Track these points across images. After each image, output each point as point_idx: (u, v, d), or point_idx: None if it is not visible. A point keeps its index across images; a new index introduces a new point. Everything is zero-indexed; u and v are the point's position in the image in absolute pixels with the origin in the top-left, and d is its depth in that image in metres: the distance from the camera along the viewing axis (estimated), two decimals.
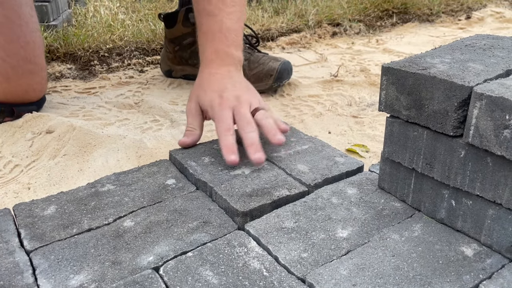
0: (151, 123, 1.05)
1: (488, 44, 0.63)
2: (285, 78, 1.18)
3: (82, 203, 0.65)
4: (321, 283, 0.49)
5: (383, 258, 0.53)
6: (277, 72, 1.15)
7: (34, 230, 0.59)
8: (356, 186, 0.67)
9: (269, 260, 0.53)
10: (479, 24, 1.97)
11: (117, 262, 0.54)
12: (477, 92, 0.48)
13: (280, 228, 0.59)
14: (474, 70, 0.54)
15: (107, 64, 1.39)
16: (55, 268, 0.53)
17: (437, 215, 0.59)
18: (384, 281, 0.50)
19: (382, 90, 0.58)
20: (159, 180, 0.71)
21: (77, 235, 0.59)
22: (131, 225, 0.60)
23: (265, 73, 1.17)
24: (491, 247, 0.54)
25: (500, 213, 0.52)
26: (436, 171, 0.56)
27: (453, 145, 0.53)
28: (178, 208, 0.64)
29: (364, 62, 1.45)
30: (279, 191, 0.66)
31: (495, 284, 0.49)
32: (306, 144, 0.80)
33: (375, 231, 0.58)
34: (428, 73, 0.53)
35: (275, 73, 1.15)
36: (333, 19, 1.81)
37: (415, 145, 0.57)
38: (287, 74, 1.18)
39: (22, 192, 0.79)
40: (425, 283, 0.49)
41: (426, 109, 0.54)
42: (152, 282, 0.50)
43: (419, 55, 0.60)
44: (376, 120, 1.06)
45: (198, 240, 0.57)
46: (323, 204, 0.63)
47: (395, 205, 0.63)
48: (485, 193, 0.52)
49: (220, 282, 0.50)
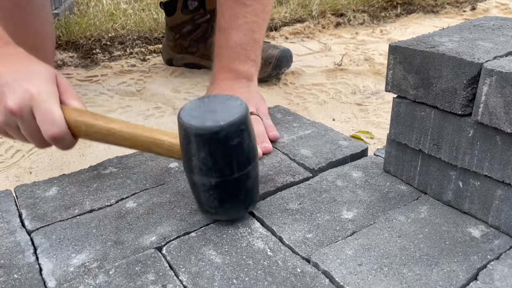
0: (153, 110, 1.05)
1: (497, 25, 0.62)
2: (284, 65, 1.17)
3: (84, 185, 0.64)
4: (326, 263, 0.48)
5: (389, 239, 0.52)
6: (276, 59, 1.14)
7: (35, 210, 0.59)
8: (361, 169, 0.66)
9: (273, 241, 0.53)
10: (483, 15, 1.95)
11: (119, 242, 0.53)
12: (487, 68, 0.47)
13: (284, 210, 0.58)
14: (483, 48, 0.53)
15: (109, 52, 1.38)
16: (56, 248, 0.52)
17: (443, 197, 0.58)
18: (390, 261, 0.49)
19: (389, 70, 0.57)
20: (162, 164, 0.70)
21: (79, 216, 0.58)
22: (133, 206, 0.60)
23: (264, 61, 1.16)
24: (499, 229, 0.53)
25: (508, 194, 0.51)
26: (444, 151, 0.55)
27: (462, 124, 0.52)
28: (181, 190, 0.63)
29: (368, 52, 1.44)
30: (283, 178, 0.65)
31: (503, 265, 0.48)
32: (309, 129, 0.79)
33: (380, 213, 0.57)
34: (437, 51, 0.52)
35: (274, 60, 1.14)
36: (337, 10, 1.79)
37: (422, 125, 0.56)
38: (286, 61, 1.17)
39: (24, 176, 0.78)
40: (432, 263, 0.48)
41: (434, 88, 0.53)
42: (155, 261, 0.50)
43: (426, 34, 0.59)
44: (381, 108, 1.05)
45: (201, 221, 0.56)
46: (327, 186, 0.62)
47: (401, 188, 0.62)
48: (494, 173, 0.51)
49: (223, 261, 0.50)
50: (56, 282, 0.47)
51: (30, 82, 0.55)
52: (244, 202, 0.55)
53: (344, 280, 0.46)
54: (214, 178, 0.51)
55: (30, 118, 0.55)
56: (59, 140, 0.56)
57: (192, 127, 0.50)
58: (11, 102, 0.54)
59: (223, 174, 0.51)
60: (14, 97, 0.54)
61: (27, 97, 0.54)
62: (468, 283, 0.46)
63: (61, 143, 0.57)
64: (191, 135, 0.50)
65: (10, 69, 0.56)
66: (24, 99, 0.54)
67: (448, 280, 0.46)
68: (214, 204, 0.54)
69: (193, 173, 0.52)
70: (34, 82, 0.55)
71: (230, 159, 0.51)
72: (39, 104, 0.54)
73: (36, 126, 0.56)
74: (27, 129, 0.56)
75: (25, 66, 0.57)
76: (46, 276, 0.48)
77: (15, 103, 0.54)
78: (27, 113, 0.55)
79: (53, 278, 0.48)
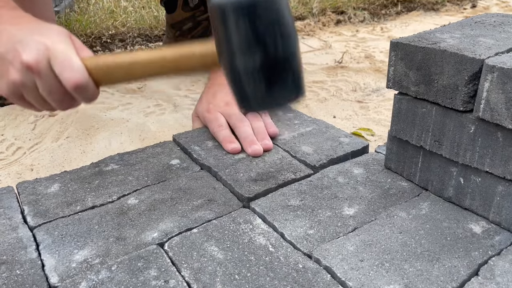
0: (154, 107, 1.05)
1: (498, 21, 0.62)
2: None
3: (86, 182, 0.64)
4: (327, 258, 0.49)
5: (390, 235, 0.52)
6: None
7: (37, 207, 0.59)
8: (362, 166, 0.67)
9: (275, 237, 0.53)
10: (484, 12, 1.95)
11: (121, 238, 0.53)
12: (489, 65, 0.47)
13: (285, 206, 0.58)
14: (485, 44, 0.53)
15: (110, 50, 1.38)
16: (58, 244, 0.52)
17: (444, 194, 0.58)
18: (392, 256, 0.49)
19: (391, 67, 0.57)
20: (163, 160, 0.70)
21: (81, 212, 0.58)
22: (135, 202, 0.60)
23: None
24: (500, 225, 0.53)
25: (509, 190, 0.51)
26: (445, 148, 0.55)
27: (463, 121, 0.52)
28: (183, 186, 0.63)
29: (369, 49, 1.44)
30: (284, 175, 0.65)
31: (504, 260, 0.48)
32: (310, 126, 0.79)
33: (382, 209, 0.57)
34: (438, 47, 0.52)
35: None
36: (337, 7, 1.79)
37: (423, 122, 0.57)
38: None
39: (25, 173, 0.78)
40: (433, 258, 0.49)
41: (436, 84, 0.53)
42: (157, 257, 0.50)
43: (428, 31, 0.59)
44: (382, 105, 1.05)
45: (203, 217, 0.57)
46: (329, 183, 0.63)
47: (402, 184, 0.62)
48: (495, 169, 0.51)
49: (225, 257, 0.50)
50: (59, 278, 0.48)
51: (43, 36, 0.51)
52: (293, 87, 0.49)
53: (345, 275, 0.47)
54: (258, 55, 0.46)
55: (48, 71, 0.51)
56: (83, 89, 0.51)
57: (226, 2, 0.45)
58: (27, 56, 0.50)
59: (267, 51, 0.46)
60: (29, 51, 0.50)
61: (43, 49, 0.50)
62: (469, 279, 0.46)
63: (85, 93, 0.52)
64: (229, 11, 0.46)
65: (21, 27, 0.53)
66: (39, 51, 0.50)
67: (449, 275, 0.46)
68: (261, 89, 0.48)
69: (235, 58, 0.47)
70: (48, 36, 0.51)
71: (273, 32, 0.46)
72: (57, 54, 0.50)
73: (55, 80, 0.51)
74: (46, 85, 0.52)
75: (36, 25, 0.54)
76: (49, 272, 0.48)
77: (31, 57, 0.50)
78: (44, 66, 0.51)
79: (56, 274, 0.48)
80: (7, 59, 0.51)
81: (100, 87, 0.54)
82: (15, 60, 0.51)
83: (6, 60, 0.51)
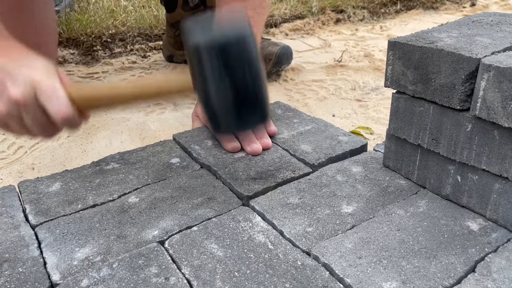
0: (154, 106, 1.05)
1: (495, 20, 0.63)
2: (284, 63, 1.17)
3: (87, 180, 0.65)
4: (326, 256, 0.49)
5: (388, 233, 0.53)
6: (276, 56, 1.15)
7: (39, 205, 0.59)
8: (360, 164, 0.67)
9: (274, 234, 0.53)
10: (483, 11, 1.95)
11: (122, 236, 0.54)
12: (485, 64, 0.47)
13: (285, 204, 0.58)
14: (481, 43, 0.53)
15: (110, 49, 1.39)
16: (60, 242, 0.53)
17: (442, 192, 0.59)
18: (389, 253, 0.50)
19: (388, 66, 0.58)
20: (164, 159, 0.71)
21: (82, 211, 0.59)
22: (135, 201, 0.60)
23: (264, 57, 1.16)
24: (497, 222, 0.54)
25: (506, 187, 0.51)
26: (442, 146, 0.56)
27: (460, 119, 0.53)
28: (183, 185, 0.64)
29: (368, 48, 1.44)
30: (283, 173, 0.66)
31: (501, 257, 0.49)
32: (309, 125, 0.80)
33: (380, 207, 0.58)
34: (435, 46, 0.52)
35: (274, 57, 1.15)
36: (337, 6, 1.79)
37: (421, 120, 0.57)
38: (286, 59, 1.18)
39: (26, 172, 0.79)
40: (430, 255, 0.49)
41: (433, 83, 0.53)
42: (157, 255, 0.50)
43: (425, 30, 0.60)
44: (380, 104, 1.05)
45: (202, 215, 0.57)
46: (327, 181, 0.63)
47: (400, 182, 0.63)
48: (492, 167, 0.51)
49: (225, 254, 0.50)
50: (61, 275, 0.48)
51: (31, 70, 0.54)
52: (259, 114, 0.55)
53: (344, 272, 0.47)
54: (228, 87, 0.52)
55: (35, 105, 0.54)
56: (69, 120, 0.54)
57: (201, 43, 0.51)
58: (15, 91, 0.53)
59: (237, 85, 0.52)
60: (17, 86, 0.53)
61: (30, 84, 0.53)
62: (466, 275, 0.47)
63: (70, 123, 0.55)
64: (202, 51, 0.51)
65: (10, 60, 0.55)
66: (27, 86, 0.53)
67: (446, 272, 0.47)
68: (231, 115, 0.53)
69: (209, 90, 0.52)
70: (35, 70, 0.54)
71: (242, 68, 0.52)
72: (44, 88, 0.53)
73: (41, 113, 0.54)
74: (31, 117, 0.54)
75: (24, 58, 0.56)
76: (51, 269, 0.49)
77: (19, 92, 0.53)
78: (31, 100, 0.53)
79: (57, 271, 0.49)
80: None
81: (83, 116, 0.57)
82: (3, 94, 0.53)
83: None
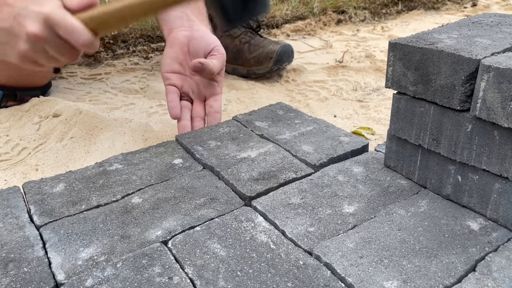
0: (156, 107, 1.06)
1: (495, 21, 0.63)
2: (285, 61, 1.18)
3: (91, 181, 0.66)
4: (328, 255, 0.50)
5: (389, 232, 0.53)
6: (277, 54, 1.15)
7: (43, 206, 0.60)
8: (362, 164, 0.68)
9: (276, 234, 0.54)
10: (484, 11, 1.96)
11: (125, 236, 0.54)
12: (485, 65, 0.48)
13: (286, 204, 0.59)
14: (481, 44, 0.54)
15: (112, 51, 1.39)
16: (64, 242, 0.54)
17: (443, 191, 0.59)
18: (390, 253, 0.50)
19: (389, 67, 0.58)
20: (166, 160, 0.71)
21: (86, 211, 0.59)
22: (139, 201, 0.61)
23: (265, 56, 1.17)
24: (497, 221, 0.54)
25: (506, 187, 0.52)
26: (443, 146, 0.56)
27: (460, 120, 0.53)
28: (186, 185, 0.64)
29: (369, 49, 1.44)
30: (285, 174, 0.66)
31: (501, 257, 0.49)
32: (310, 126, 0.81)
33: (381, 207, 0.58)
34: (436, 48, 0.53)
35: (275, 55, 1.15)
36: (338, 7, 1.80)
37: (421, 121, 0.57)
38: (287, 57, 1.18)
39: (30, 173, 0.80)
40: (431, 255, 0.50)
41: (433, 84, 0.54)
42: (161, 255, 0.51)
43: (426, 31, 0.60)
44: (382, 104, 1.05)
45: (205, 215, 0.58)
46: (329, 181, 0.64)
47: (401, 182, 0.63)
48: (492, 167, 0.52)
49: (228, 254, 0.51)
50: (65, 275, 0.49)
51: (37, 5, 0.58)
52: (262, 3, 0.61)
53: (345, 272, 0.48)
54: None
55: (54, 36, 0.58)
56: (89, 44, 0.59)
57: None
58: (32, 27, 0.57)
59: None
60: (31, 22, 0.57)
61: (43, 18, 0.57)
62: (467, 274, 0.47)
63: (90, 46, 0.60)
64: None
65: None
66: (41, 21, 0.57)
67: (447, 271, 0.47)
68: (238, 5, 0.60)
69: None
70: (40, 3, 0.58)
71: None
72: (58, 21, 0.57)
73: (62, 42, 0.59)
74: (55, 48, 0.59)
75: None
76: (55, 269, 0.50)
77: (35, 27, 0.57)
78: (50, 33, 0.58)
79: (62, 271, 0.49)
80: (13, 33, 0.58)
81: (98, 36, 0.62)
82: (22, 33, 0.57)
83: (12, 34, 0.58)
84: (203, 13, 0.89)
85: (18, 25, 0.58)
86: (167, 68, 0.85)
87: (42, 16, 0.57)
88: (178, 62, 0.85)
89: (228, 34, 1.23)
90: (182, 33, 0.85)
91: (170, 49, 0.85)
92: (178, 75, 0.86)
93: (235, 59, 1.21)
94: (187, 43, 0.85)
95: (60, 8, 0.58)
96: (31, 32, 0.57)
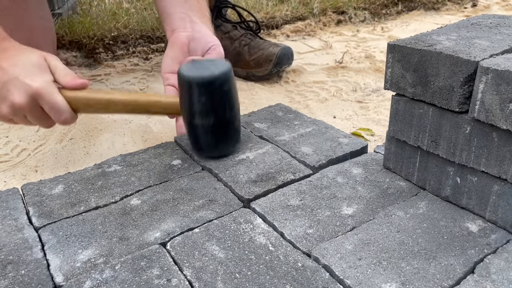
0: None
1: (494, 23, 0.63)
2: (285, 63, 1.18)
3: (89, 183, 0.66)
4: (326, 257, 0.50)
5: (388, 234, 0.53)
6: (276, 57, 1.15)
7: (42, 208, 0.60)
8: (361, 166, 0.68)
9: (275, 236, 0.54)
10: (484, 12, 1.95)
11: (124, 238, 0.54)
12: (483, 66, 0.48)
13: (285, 206, 0.59)
14: (480, 46, 0.54)
15: (112, 52, 1.39)
16: (63, 244, 0.54)
17: (442, 193, 0.59)
18: (389, 255, 0.50)
19: (388, 68, 0.58)
20: (165, 161, 0.71)
21: (85, 213, 0.59)
22: (137, 203, 0.61)
23: (264, 58, 1.17)
24: (496, 223, 0.54)
25: (505, 189, 0.52)
26: (442, 148, 0.56)
27: (459, 121, 0.53)
28: (184, 187, 0.64)
29: (369, 49, 1.44)
30: (284, 175, 0.66)
31: (500, 258, 0.49)
32: (309, 127, 0.80)
33: (380, 208, 0.58)
34: (434, 49, 0.53)
35: (274, 58, 1.15)
36: (338, 7, 1.80)
37: (420, 122, 0.57)
38: (287, 59, 1.18)
39: (30, 174, 0.80)
40: (429, 257, 0.49)
41: (432, 86, 0.54)
42: (159, 257, 0.51)
43: (424, 33, 0.60)
44: (381, 105, 1.05)
45: (204, 217, 0.58)
46: (328, 183, 0.64)
47: (400, 184, 0.63)
48: (490, 168, 0.52)
49: (226, 256, 0.51)
50: (64, 277, 0.49)
51: (29, 77, 0.62)
52: (233, 140, 0.70)
53: (344, 274, 0.48)
54: (212, 118, 0.66)
55: (37, 108, 0.64)
56: (67, 122, 0.66)
57: (194, 78, 0.64)
58: (19, 99, 0.62)
59: (218, 115, 0.66)
60: (20, 94, 0.62)
61: (31, 93, 0.62)
62: (465, 276, 0.47)
63: (68, 123, 0.67)
64: (194, 85, 0.64)
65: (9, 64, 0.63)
66: (29, 95, 0.62)
67: (446, 273, 0.47)
68: (212, 142, 0.68)
69: (194, 118, 0.66)
70: (32, 76, 0.63)
71: (224, 102, 0.66)
72: (45, 98, 0.63)
73: (43, 114, 0.65)
74: (35, 117, 0.65)
75: (20, 59, 0.64)
76: (54, 271, 0.50)
77: (23, 99, 0.62)
78: (34, 106, 0.63)
79: (61, 273, 0.49)
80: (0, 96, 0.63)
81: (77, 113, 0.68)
82: (7, 99, 0.63)
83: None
84: (205, 15, 0.89)
85: (7, 92, 0.62)
86: (167, 69, 0.85)
87: (30, 91, 0.62)
88: (178, 62, 0.85)
89: (228, 37, 1.23)
90: (184, 33, 0.85)
91: (171, 50, 0.85)
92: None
93: (235, 61, 1.21)
94: (188, 44, 0.85)
95: (49, 84, 0.63)
96: (17, 102, 0.62)
